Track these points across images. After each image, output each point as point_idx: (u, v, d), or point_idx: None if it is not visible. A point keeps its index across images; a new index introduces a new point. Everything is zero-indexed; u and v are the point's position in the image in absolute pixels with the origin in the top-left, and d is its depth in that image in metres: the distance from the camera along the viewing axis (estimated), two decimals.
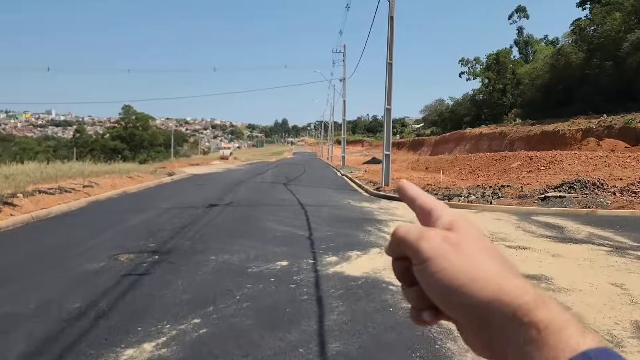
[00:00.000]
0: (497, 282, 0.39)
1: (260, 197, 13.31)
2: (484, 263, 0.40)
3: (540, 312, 0.36)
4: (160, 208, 11.21)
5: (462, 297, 0.39)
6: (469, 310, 0.39)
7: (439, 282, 0.40)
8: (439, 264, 0.40)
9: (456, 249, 0.40)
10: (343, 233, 7.74)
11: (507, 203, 11.96)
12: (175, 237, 7.70)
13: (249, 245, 6.98)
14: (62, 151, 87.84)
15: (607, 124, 31.51)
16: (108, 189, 16.07)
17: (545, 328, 0.35)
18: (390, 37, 17.34)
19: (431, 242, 0.41)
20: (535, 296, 0.38)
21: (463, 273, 0.39)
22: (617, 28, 38.47)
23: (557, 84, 46.10)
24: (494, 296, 0.38)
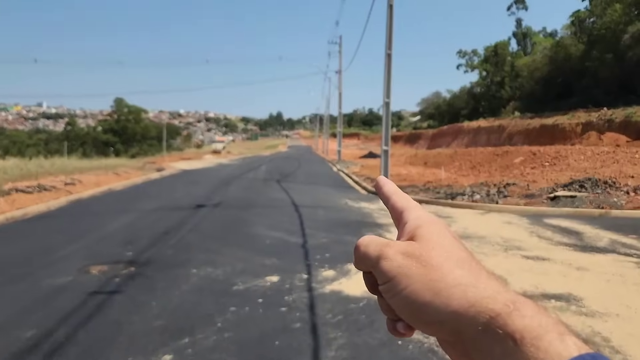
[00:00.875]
0: (464, 293, 0.36)
1: (252, 196, 12.56)
2: (449, 274, 0.38)
3: (514, 320, 0.34)
4: (144, 209, 10.46)
5: (428, 314, 0.37)
6: (439, 327, 0.37)
7: (402, 302, 0.38)
8: (401, 283, 0.38)
9: (418, 264, 0.39)
10: (341, 240, 7.02)
11: (515, 203, 11.27)
12: (156, 245, 6.96)
13: (236, 255, 6.25)
14: (54, 144, 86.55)
15: (607, 118, 31.07)
16: (92, 187, 15.29)
17: (521, 338, 0.33)
18: (389, 27, 16.56)
19: (391, 260, 0.39)
20: (507, 302, 0.35)
21: (426, 289, 0.37)
22: (617, 20, 37.94)
23: (556, 76, 45.67)
24: (461, 309, 0.36)
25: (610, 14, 38.29)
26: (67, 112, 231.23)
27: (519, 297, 0.36)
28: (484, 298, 0.36)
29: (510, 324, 0.34)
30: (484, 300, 0.36)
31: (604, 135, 28.97)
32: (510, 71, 57.56)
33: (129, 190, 15.19)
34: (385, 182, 0.48)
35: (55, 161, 17.32)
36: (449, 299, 0.36)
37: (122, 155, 68.10)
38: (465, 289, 0.37)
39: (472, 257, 0.40)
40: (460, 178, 18.07)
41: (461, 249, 0.41)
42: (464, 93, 68.06)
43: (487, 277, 0.38)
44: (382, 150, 16.62)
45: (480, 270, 0.39)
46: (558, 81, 45.22)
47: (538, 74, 49.82)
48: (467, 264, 0.39)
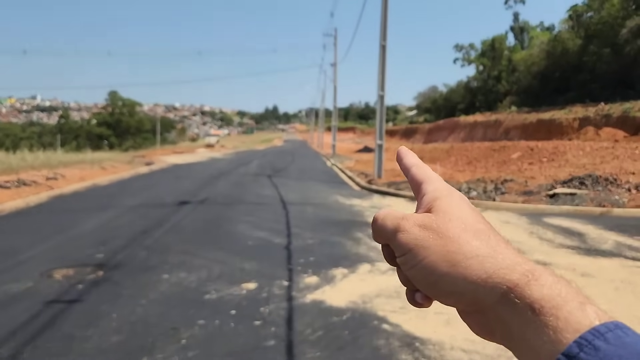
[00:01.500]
0: (481, 265, 0.36)
1: (240, 192, 12.07)
2: (466, 245, 0.37)
3: (532, 290, 0.34)
4: (125, 206, 9.97)
5: (446, 285, 0.37)
6: (458, 298, 0.37)
7: (420, 273, 0.39)
8: (418, 255, 0.38)
9: (435, 235, 0.38)
10: (328, 241, 6.54)
11: (512, 200, 10.83)
12: (131, 245, 6.49)
13: (214, 257, 5.78)
14: (47, 137, 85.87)
15: (604, 113, 30.72)
16: (75, 182, 14.77)
17: (540, 308, 0.33)
18: (384, 17, 16.05)
19: (408, 232, 0.39)
20: (525, 272, 0.35)
21: (444, 261, 0.37)
22: (615, 14, 37.55)
23: (553, 71, 45.35)
24: (479, 280, 0.36)
25: (608, 8, 37.89)
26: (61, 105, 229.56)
27: (537, 267, 0.35)
28: (502, 269, 0.35)
29: (529, 294, 0.33)
30: (501, 271, 0.35)
31: (601, 130, 28.62)
32: (507, 65, 57.16)
33: (114, 186, 14.68)
34: (405, 153, 0.48)
35: (40, 155, 16.73)
36: (466, 270, 0.36)
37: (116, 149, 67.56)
38: (483, 260, 0.36)
39: (490, 229, 0.40)
40: (456, 174, 17.64)
41: (479, 221, 0.40)
42: (460, 87, 67.72)
43: (506, 248, 0.38)
44: (377, 144, 16.16)
45: (499, 242, 0.38)
46: (555, 76, 44.89)
47: (535, 68, 49.42)
48: (484, 235, 0.38)
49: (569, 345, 0.30)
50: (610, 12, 37.67)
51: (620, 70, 35.81)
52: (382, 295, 4.44)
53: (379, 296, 4.42)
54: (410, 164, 0.46)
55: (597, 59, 37.03)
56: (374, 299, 4.37)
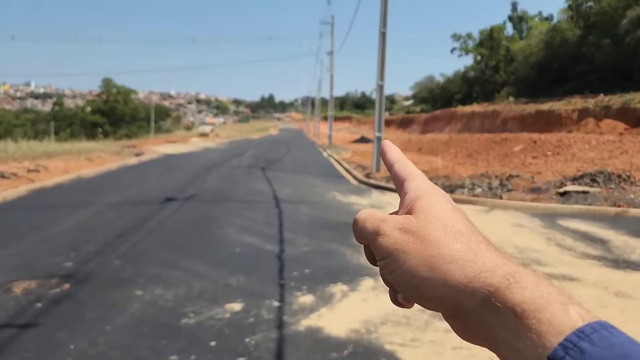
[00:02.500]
0: (462, 269, 0.35)
1: (230, 187, 11.36)
2: (446, 249, 0.37)
3: (514, 293, 0.33)
4: (107, 202, 9.26)
5: (427, 290, 0.37)
6: (439, 303, 0.37)
7: (400, 278, 0.38)
8: (398, 260, 0.38)
9: (415, 239, 0.38)
10: (324, 249, 5.87)
11: (520, 198, 10.19)
12: (105, 252, 5.80)
13: (195, 269, 5.10)
14: (41, 124, 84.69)
15: (604, 104, 30.29)
16: (59, 174, 14.04)
17: (522, 312, 0.32)
18: (384, 3, 15.27)
19: (387, 236, 0.39)
20: (506, 275, 0.34)
21: (424, 265, 0.37)
22: (615, 4, 36.93)
23: (551, 61, 44.85)
24: (459, 285, 0.35)
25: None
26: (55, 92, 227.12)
27: (519, 268, 0.35)
28: (483, 272, 0.35)
29: (510, 297, 0.33)
30: (482, 275, 0.35)
31: (601, 122, 28.15)
32: (505, 55, 56.55)
33: (99, 178, 13.94)
34: (389, 147, 0.47)
35: (22, 145, 15.95)
36: (446, 274, 0.36)
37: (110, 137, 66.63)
38: (463, 264, 0.36)
39: (471, 229, 0.39)
40: (458, 167, 16.99)
41: (460, 221, 0.39)
42: (457, 77, 67.15)
43: (487, 250, 0.37)
44: (375, 136, 15.48)
45: (479, 243, 0.37)
46: (553, 66, 44.41)
47: (533, 58, 48.89)
48: (465, 238, 0.37)
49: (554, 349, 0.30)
50: (610, 2, 37.12)
51: (619, 61, 35.34)
52: (388, 321, 3.79)
53: (385, 323, 3.76)
54: (394, 159, 0.45)
55: (596, 49, 36.48)
56: (380, 326, 3.71)
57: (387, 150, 0.47)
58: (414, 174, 0.44)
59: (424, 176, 0.44)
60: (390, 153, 0.46)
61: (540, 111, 35.92)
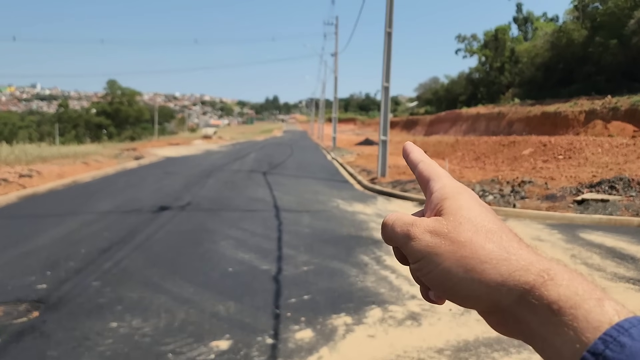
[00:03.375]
0: (496, 269, 0.36)
1: (229, 194, 10.82)
2: (479, 249, 0.37)
3: (549, 290, 0.34)
4: (97, 211, 8.74)
5: (462, 290, 0.37)
6: (475, 301, 0.37)
7: (435, 280, 0.38)
8: (432, 263, 0.38)
9: (447, 241, 0.38)
10: (326, 268, 5.31)
11: (535, 207, 9.62)
12: (84, 270, 5.27)
13: (181, 293, 4.56)
14: (46, 126, 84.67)
15: (612, 106, 29.78)
16: (53, 179, 13.53)
17: (558, 309, 0.33)
18: (389, 3, 14.73)
19: (419, 240, 0.39)
20: (540, 272, 0.35)
21: (458, 267, 0.37)
22: (622, 5, 36.38)
23: (557, 62, 44.40)
24: (495, 284, 0.36)
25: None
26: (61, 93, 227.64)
27: (552, 264, 0.36)
28: (517, 271, 0.35)
29: (546, 294, 0.33)
30: (516, 273, 0.35)
31: (610, 124, 27.58)
32: (510, 57, 55.99)
33: (94, 183, 13.45)
34: (411, 149, 0.47)
35: (15, 149, 15.47)
36: (481, 274, 0.36)
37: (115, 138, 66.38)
38: (497, 263, 0.36)
39: (501, 227, 0.39)
40: (466, 171, 16.41)
41: (490, 220, 0.39)
42: (462, 79, 66.62)
43: (519, 248, 0.37)
44: (380, 140, 14.92)
45: (511, 241, 0.38)
46: (559, 67, 43.95)
47: (539, 59, 48.42)
48: (497, 236, 0.38)
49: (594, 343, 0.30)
50: (617, 2, 36.62)
51: (626, 62, 34.82)
52: None
53: None
54: (417, 160, 0.46)
55: (603, 50, 35.97)
56: None
57: (410, 151, 0.47)
58: (439, 173, 0.43)
59: (449, 175, 0.43)
60: (413, 154, 0.46)
61: (546, 113, 35.34)
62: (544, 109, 36.27)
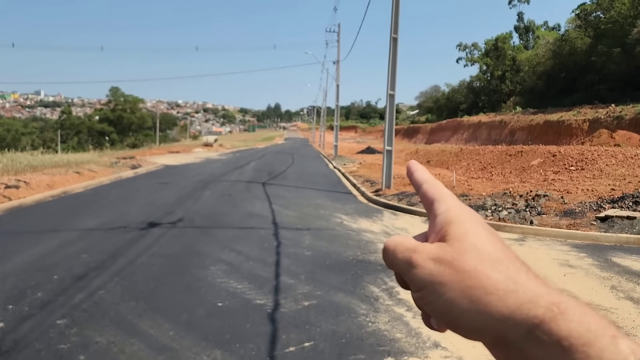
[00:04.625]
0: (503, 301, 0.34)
1: (224, 209, 10.10)
2: (485, 279, 0.35)
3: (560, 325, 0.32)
4: (80, 228, 8.05)
5: (467, 322, 0.36)
6: (480, 334, 0.36)
7: (438, 310, 0.37)
8: (435, 292, 0.36)
9: (451, 270, 0.36)
10: (331, 304, 4.59)
11: (554, 224, 8.92)
12: (50, 305, 4.57)
13: (159, 336, 3.86)
14: (49, 133, 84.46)
15: (616, 115, 29.32)
16: (42, 190, 12.86)
17: (569, 346, 0.31)
18: (395, 7, 14.11)
19: (422, 268, 0.37)
20: (550, 305, 0.33)
21: (462, 297, 0.35)
22: (625, 13, 35.97)
23: (559, 71, 44.08)
24: (501, 317, 0.34)
25: (618, 7, 36.42)
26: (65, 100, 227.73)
27: (562, 297, 0.34)
28: (525, 303, 0.34)
29: (556, 330, 0.32)
30: (524, 307, 0.34)
31: (615, 133, 27.04)
32: (511, 65, 55.69)
33: (85, 195, 12.78)
34: (416, 168, 0.45)
35: (2, 158, 14.82)
36: (487, 306, 0.34)
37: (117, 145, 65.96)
38: (504, 295, 0.34)
39: (508, 256, 0.37)
40: (473, 182, 15.70)
41: (496, 247, 0.38)
42: (463, 87, 66.47)
43: (527, 278, 0.35)
44: (385, 150, 14.25)
45: (519, 271, 0.36)
46: (561, 76, 43.59)
47: (540, 68, 48.19)
48: (503, 266, 0.36)
49: None
50: (620, 11, 36.27)
51: (629, 70, 34.44)
52: None
53: None
54: (422, 179, 0.44)
55: (606, 59, 35.56)
56: None
57: (414, 170, 0.45)
58: (443, 194, 0.42)
59: (454, 197, 0.42)
60: (417, 173, 0.45)
61: (549, 121, 34.84)
62: (546, 118, 35.77)
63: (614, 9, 36.84)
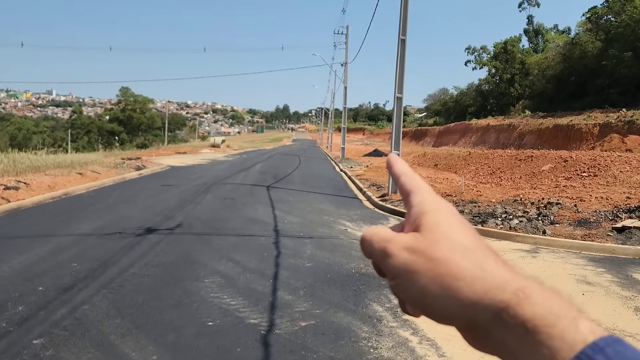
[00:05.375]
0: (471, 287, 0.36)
1: (225, 214, 9.79)
2: (455, 267, 0.37)
3: (524, 309, 0.34)
4: (74, 233, 7.78)
5: (438, 308, 0.37)
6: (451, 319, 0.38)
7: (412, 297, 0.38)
8: (408, 280, 0.38)
9: (423, 258, 0.38)
10: (331, 325, 4.24)
11: (568, 234, 8.53)
12: (30, 320, 4.28)
13: None
14: (60, 132, 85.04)
15: (627, 119, 28.82)
16: (42, 191, 12.63)
17: (533, 327, 0.33)
18: (403, 8, 13.77)
19: (396, 257, 0.39)
20: (516, 290, 0.35)
21: (434, 284, 0.37)
22: (637, 17, 35.39)
23: (569, 75, 43.55)
24: (470, 303, 0.36)
25: (630, 11, 35.82)
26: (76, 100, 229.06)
27: (528, 282, 0.36)
28: (492, 289, 0.35)
29: (521, 313, 0.34)
30: (492, 292, 0.35)
31: (627, 138, 26.55)
32: (520, 68, 55.10)
33: (86, 197, 12.54)
34: (395, 160, 0.47)
35: (3, 158, 14.63)
36: (457, 292, 0.36)
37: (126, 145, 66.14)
38: (472, 281, 0.36)
39: (478, 244, 0.39)
40: (482, 188, 15.31)
41: (467, 236, 0.39)
42: (471, 90, 66.02)
43: (495, 266, 0.37)
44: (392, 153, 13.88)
45: (487, 258, 0.37)
46: (571, 80, 43.09)
47: (550, 72, 47.71)
48: (473, 254, 0.38)
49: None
50: (632, 14, 35.68)
51: None
52: None
53: None
54: (400, 172, 0.45)
55: (617, 62, 35.03)
56: None
57: (393, 163, 0.46)
58: (419, 187, 0.43)
59: (429, 189, 0.43)
60: (396, 166, 0.46)
61: (558, 125, 34.31)
62: (556, 122, 35.25)
63: (626, 12, 36.35)
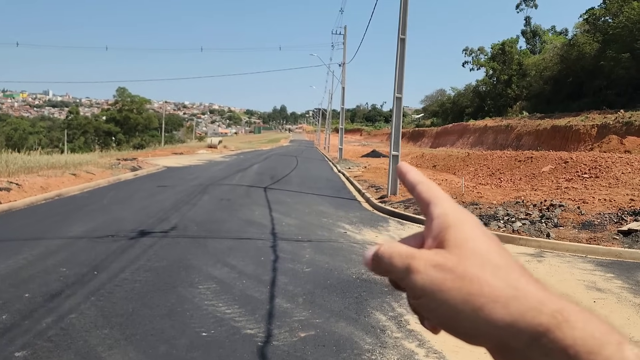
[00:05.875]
0: (506, 308, 0.34)
1: (221, 216, 9.56)
2: (487, 286, 0.35)
3: (564, 333, 0.32)
4: (65, 236, 7.53)
5: (469, 329, 0.35)
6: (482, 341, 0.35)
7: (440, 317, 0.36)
8: (436, 299, 0.36)
9: (452, 276, 0.35)
10: (332, 335, 4.01)
11: (573, 237, 8.32)
12: (13, 330, 4.05)
13: None
14: (56, 132, 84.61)
15: (625, 120, 28.84)
16: (35, 192, 12.37)
17: (575, 353, 0.31)
18: (403, 7, 13.56)
19: (422, 274, 0.36)
20: (554, 312, 0.33)
21: (464, 304, 0.35)
22: (634, 18, 35.38)
23: (566, 76, 43.61)
24: (505, 325, 0.34)
25: (627, 12, 35.82)
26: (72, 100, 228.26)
27: (565, 304, 0.34)
28: (528, 311, 0.33)
29: (561, 337, 0.32)
30: (528, 314, 0.33)
31: (625, 139, 26.52)
32: (517, 69, 55.20)
33: (79, 198, 12.28)
34: (408, 169, 0.44)
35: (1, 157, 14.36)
36: (490, 314, 0.34)
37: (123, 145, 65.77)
38: (506, 302, 0.34)
39: (508, 261, 0.37)
40: (482, 189, 15.11)
41: (496, 253, 0.37)
42: (469, 91, 66.13)
43: (528, 284, 0.35)
44: (391, 155, 13.70)
45: (520, 277, 0.35)
46: (568, 81, 43.15)
47: (548, 73, 47.82)
48: (504, 272, 0.35)
49: None
50: (629, 16, 35.68)
51: (638, 76, 33.99)
52: None
53: None
54: (415, 181, 0.42)
55: (614, 64, 35.06)
56: None
57: (406, 171, 0.43)
58: (439, 196, 0.40)
59: (449, 198, 0.41)
60: (409, 174, 0.43)
61: (556, 126, 34.29)
62: (554, 123, 35.24)
63: (623, 14, 36.40)
